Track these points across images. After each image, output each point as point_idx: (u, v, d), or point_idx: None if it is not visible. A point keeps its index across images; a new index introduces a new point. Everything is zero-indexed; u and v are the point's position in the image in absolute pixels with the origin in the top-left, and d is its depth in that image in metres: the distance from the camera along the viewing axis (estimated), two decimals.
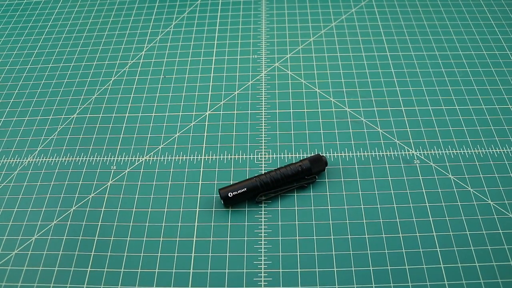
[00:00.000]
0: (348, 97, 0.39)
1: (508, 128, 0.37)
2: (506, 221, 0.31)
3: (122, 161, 0.36)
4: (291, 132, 0.37)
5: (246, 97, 0.40)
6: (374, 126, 0.37)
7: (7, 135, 0.39)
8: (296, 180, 0.33)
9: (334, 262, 0.30)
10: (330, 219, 0.32)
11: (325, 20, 0.47)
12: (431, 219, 0.32)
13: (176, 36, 0.46)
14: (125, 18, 0.49)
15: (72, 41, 0.47)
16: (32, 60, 0.45)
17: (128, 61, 0.44)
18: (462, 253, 0.30)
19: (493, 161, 0.35)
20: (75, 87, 0.42)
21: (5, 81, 0.43)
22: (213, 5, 0.49)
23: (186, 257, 0.31)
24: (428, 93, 0.39)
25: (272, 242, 0.31)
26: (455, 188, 0.33)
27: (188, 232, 0.32)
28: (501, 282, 0.29)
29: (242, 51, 0.44)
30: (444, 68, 0.41)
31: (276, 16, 0.48)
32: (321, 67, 0.42)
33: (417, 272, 0.29)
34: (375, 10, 0.47)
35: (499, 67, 0.41)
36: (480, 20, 0.46)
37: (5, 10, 0.51)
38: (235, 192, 0.32)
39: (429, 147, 0.36)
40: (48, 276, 0.30)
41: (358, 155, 0.35)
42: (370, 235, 0.31)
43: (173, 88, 0.41)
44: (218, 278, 0.30)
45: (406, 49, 0.43)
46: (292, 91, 0.40)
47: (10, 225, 0.33)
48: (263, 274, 0.30)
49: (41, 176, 0.36)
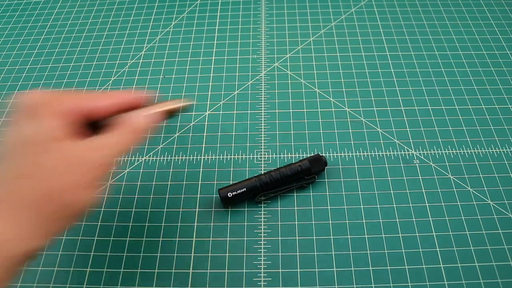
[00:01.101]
0: (347, 97, 0.39)
1: (507, 128, 0.37)
2: (506, 221, 0.31)
3: (122, 161, 0.36)
4: (290, 132, 0.37)
5: (245, 97, 0.40)
6: (374, 126, 0.37)
7: None
8: (296, 180, 0.33)
9: (334, 262, 0.30)
10: (330, 219, 0.32)
11: (325, 20, 0.47)
12: (430, 219, 0.32)
13: (176, 36, 0.46)
14: (125, 18, 0.49)
15: (72, 41, 0.47)
16: (31, 60, 0.45)
17: (127, 61, 0.44)
18: (462, 253, 0.30)
19: (493, 161, 0.35)
20: (74, 87, 0.42)
21: (4, 81, 0.43)
22: (212, 5, 0.49)
23: (185, 257, 0.31)
24: (428, 93, 0.39)
25: (271, 242, 0.31)
26: (455, 188, 0.33)
27: (187, 232, 0.32)
28: (501, 282, 0.29)
29: (241, 51, 0.44)
30: (443, 68, 0.41)
31: (276, 16, 0.48)
32: (320, 67, 0.42)
33: (417, 272, 0.29)
34: (375, 10, 0.47)
35: (499, 67, 0.41)
36: (480, 20, 0.46)
37: (5, 10, 0.51)
38: (234, 192, 0.32)
39: (428, 147, 0.36)
40: (47, 276, 0.30)
41: (357, 155, 0.35)
42: (370, 235, 0.31)
43: (172, 88, 0.41)
44: (217, 278, 0.30)
45: (405, 49, 0.43)
46: (292, 91, 0.40)
47: None
48: (263, 274, 0.30)
49: None
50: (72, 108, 0.26)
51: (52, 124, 0.24)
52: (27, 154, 0.24)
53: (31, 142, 0.24)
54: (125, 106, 0.28)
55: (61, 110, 0.25)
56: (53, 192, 0.23)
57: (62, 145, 0.24)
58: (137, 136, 0.27)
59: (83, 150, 0.25)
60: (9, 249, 0.22)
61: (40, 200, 0.23)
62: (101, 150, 0.25)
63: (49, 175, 0.23)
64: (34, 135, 0.24)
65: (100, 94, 0.28)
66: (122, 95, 0.28)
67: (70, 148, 0.24)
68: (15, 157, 0.24)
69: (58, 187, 0.23)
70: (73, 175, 0.24)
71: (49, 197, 0.23)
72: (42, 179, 0.23)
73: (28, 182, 0.23)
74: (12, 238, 0.22)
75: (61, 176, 0.23)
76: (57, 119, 0.25)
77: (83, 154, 0.24)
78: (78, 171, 0.24)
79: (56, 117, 0.25)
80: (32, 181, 0.23)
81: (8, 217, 0.22)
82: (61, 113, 0.25)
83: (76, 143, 0.25)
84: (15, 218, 0.22)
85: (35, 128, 0.24)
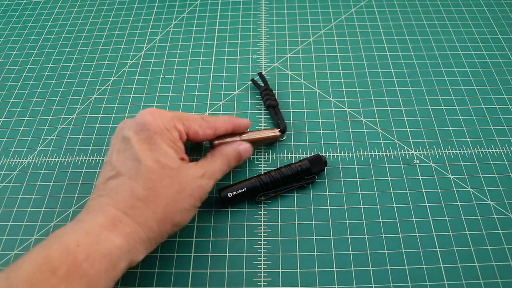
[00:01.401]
0: (347, 97, 0.39)
1: (507, 128, 0.37)
2: (506, 221, 0.31)
3: None
4: (291, 132, 0.37)
5: (245, 97, 0.40)
6: (374, 126, 0.37)
7: (6, 135, 0.39)
8: (296, 180, 0.33)
9: (334, 262, 0.30)
10: (330, 219, 0.32)
11: (325, 20, 0.47)
12: (430, 219, 0.32)
13: (176, 36, 0.46)
14: (125, 18, 0.49)
15: (72, 41, 0.47)
16: (31, 60, 0.45)
17: (127, 61, 0.44)
18: (462, 253, 0.30)
19: (493, 161, 0.35)
20: (74, 87, 0.42)
21: (4, 81, 0.43)
22: (212, 5, 0.49)
23: (186, 257, 0.31)
24: (428, 93, 0.39)
25: (271, 242, 0.31)
26: (455, 188, 0.33)
27: (187, 232, 0.32)
28: (501, 282, 0.29)
29: (241, 51, 0.44)
30: (443, 68, 0.41)
31: (276, 16, 0.47)
32: (320, 67, 0.42)
33: (417, 272, 0.29)
34: (375, 10, 0.47)
35: (499, 67, 0.41)
36: (480, 20, 0.46)
37: (5, 10, 0.51)
38: (234, 192, 0.32)
39: (428, 147, 0.36)
40: None
41: (357, 155, 0.35)
42: (370, 235, 0.31)
43: (172, 88, 0.41)
44: (217, 278, 0.30)
45: (405, 49, 0.43)
46: (292, 91, 0.40)
47: (9, 225, 0.33)
48: (263, 274, 0.30)
49: (40, 176, 0.36)
50: (181, 136, 0.29)
51: (169, 153, 0.27)
52: (151, 179, 0.26)
53: (155, 168, 0.26)
54: (223, 133, 0.32)
55: (174, 138, 0.28)
56: (168, 215, 0.26)
57: (177, 173, 0.27)
58: (231, 166, 0.31)
59: (194, 178, 0.28)
60: (119, 262, 0.24)
61: (156, 223, 0.26)
62: (207, 178, 0.29)
63: (168, 201, 0.26)
64: (156, 162, 0.26)
65: (203, 121, 0.30)
66: (222, 123, 0.32)
67: (184, 176, 0.27)
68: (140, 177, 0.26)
69: (172, 210, 0.26)
70: (185, 199, 0.27)
71: (164, 220, 0.26)
72: (162, 204, 0.26)
73: (152, 205, 0.26)
74: (124, 253, 0.24)
75: (176, 201, 0.27)
76: (171, 148, 0.28)
77: (194, 182, 0.28)
78: (188, 195, 0.27)
79: (170, 146, 0.28)
80: (154, 205, 0.26)
81: (126, 234, 0.25)
82: (173, 141, 0.28)
83: (187, 171, 0.28)
84: (131, 235, 0.25)
85: (156, 154, 0.27)
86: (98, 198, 0.26)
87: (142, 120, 0.27)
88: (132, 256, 0.25)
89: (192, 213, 0.28)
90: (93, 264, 0.23)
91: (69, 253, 0.23)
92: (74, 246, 0.23)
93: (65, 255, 0.22)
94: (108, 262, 0.23)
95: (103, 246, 0.23)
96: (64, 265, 0.22)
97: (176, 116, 0.29)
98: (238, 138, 0.33)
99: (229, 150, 0.31)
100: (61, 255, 0.22)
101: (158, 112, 0.28)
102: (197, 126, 0.30)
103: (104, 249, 0.23)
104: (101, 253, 0.23)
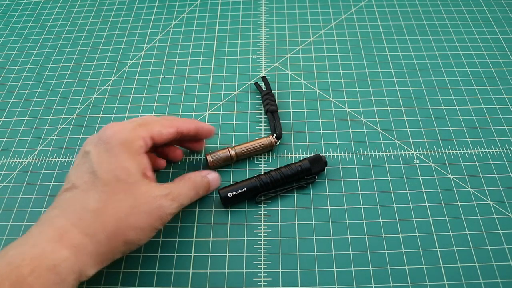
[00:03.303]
0: (347, 97, 0.39)
1: (507, 128, 0.37)
2: (506, 221, 0.31)
3: None
4: (291, 132, 0.37)
5: (245, 97, 0.40)
6: (374, 126, 0.37)
7: (6, 135, 0.39)
8: (296, 180, 0.33)
9: (334, 262, 0.30)
10: (330, 219, 0.32)
11: (325, 20, 0.47)
12: (430, 219, 0.32)
13: (176, 36, 0.46)
14: (125, 18, 0.49)
15: (72, 41, 0.47)
16: (31, 60, 0.45)
17: (127, 61, 0.44)
18: (462, 253, 0.30)
19: (493, 161, 0.35)
20: (74, 87, 0.42)
21: (4, 81, 0.43)
22: (212, 5, 0.49)
23: (186, 257, 0.31)
24: (428, 93, 0.39)
25: (271, 242, 0.31)
26: (455, 188, 0.33)
27: (188, 232, 0.32)
28: (501, 282, 0.29)
29: (241, 51, 0.44)
30: (443, 68, 0.41)
31: (276, 16, 0.48)
32: (320, 67, 0.42)
33: (417, 272, 0.29)
34: (375, 10, 0.47)
35: (499, 67, 0.41)
36: (480, 20, 0.46)
37: (5, 10, 0.51)
38: (234, 192, 0.32)
39: (428, 147, 0.36)
40: None
41: (357, 155, 0.35)
42: (370, 235, 0.31)
43: (172, 88, 0.41)
44: (217, 278, 0.30)
45: (405, 49, 0.43)
46: (292, 91, 0.40)
47: (9, 225, 0.33)
48: (263, 274, 0.30)
49: (40, 176, 0.36)
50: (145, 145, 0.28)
51: (128, 167, 0.26)
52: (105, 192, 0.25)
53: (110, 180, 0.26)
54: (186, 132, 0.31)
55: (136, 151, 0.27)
56: (119, 231, 0.25)
57: (133, 188, 0.26)
58: (199, 194, 0.31)
59: (154, 197, 0.27)
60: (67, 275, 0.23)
61: (105, 236, 0.25)
62: (171, 199, 0.27)
63: (120, 215, 0.25)
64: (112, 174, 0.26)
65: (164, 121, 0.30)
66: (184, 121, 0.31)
67: (142, 192, 0.26)
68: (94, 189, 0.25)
69: (124, 226, 0.25)
70: (139, 216, 0.26)
71: (115, 235, 0.25)
72: (113, 218, 0.25)
73: (102, 218, 0.25)
74: (72, 266, 0.23)
75: (129, 217, 0.25)
76: (133, 162, 0.27)
77: (153, 200, 0.26)
78: (144, 213, 0.26)
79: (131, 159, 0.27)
80: (104, 218, 0.25)
81: (73, 245, 0.24)
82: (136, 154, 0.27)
83: (147, 187, 0.27)
84: (79, 247, 0.24)
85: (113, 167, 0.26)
86: (50, 210, 0.26)
87: (103, 134, 0.27)
88: (81, 269, 0.24)
89: (149, 233, 0.26)
90: (38, 277, 0.22)
91: (12, 268, 0.22)
92: (19, 261, 0.22)
93: (8, 271, 0.22)
94: (54, 275, 0.22)
95: (48, 259, 0.23)
96: (7, 282, 0.21)
97: (136, 124, 0.28)
98: (233, 152, 0.34)
99: (198, 178, 0.31)
100: (4, 271, 0.22)
101: (119, 125, 0.28)
102: (159, 126, 0.29)
103: (50, 262, 0.23)
104: (47, 266, 0.22)
